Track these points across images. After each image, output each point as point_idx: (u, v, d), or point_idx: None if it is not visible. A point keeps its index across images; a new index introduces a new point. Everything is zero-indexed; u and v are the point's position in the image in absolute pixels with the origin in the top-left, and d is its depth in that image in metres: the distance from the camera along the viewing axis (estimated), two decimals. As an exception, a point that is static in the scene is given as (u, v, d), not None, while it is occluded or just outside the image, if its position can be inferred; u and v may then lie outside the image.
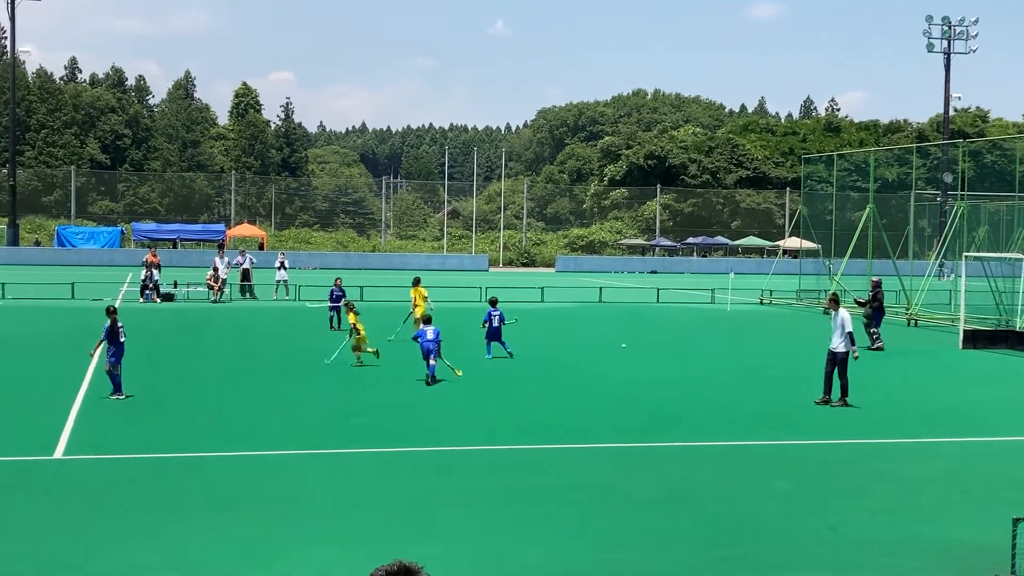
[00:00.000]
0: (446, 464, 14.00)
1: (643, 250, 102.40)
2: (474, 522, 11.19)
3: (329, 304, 31.96)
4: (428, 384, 20.35)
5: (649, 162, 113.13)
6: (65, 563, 9.62)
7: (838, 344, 19.09)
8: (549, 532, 10.86)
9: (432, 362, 20.61)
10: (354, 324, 22.88)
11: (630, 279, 71.27)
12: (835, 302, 20.12)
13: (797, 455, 15.17)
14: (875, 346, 28.59)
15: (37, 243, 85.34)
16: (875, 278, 31.05)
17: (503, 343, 25.20)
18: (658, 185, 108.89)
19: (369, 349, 23.01)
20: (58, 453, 14.18)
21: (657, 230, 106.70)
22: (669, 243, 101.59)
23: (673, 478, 13.47)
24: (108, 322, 18.36)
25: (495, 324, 25.18)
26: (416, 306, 27.84)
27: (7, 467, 13.47)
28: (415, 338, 21.57)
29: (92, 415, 16.98)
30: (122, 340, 18.41)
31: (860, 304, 30.19)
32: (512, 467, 13.89)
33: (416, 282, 29.12)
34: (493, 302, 26.07)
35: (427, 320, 22.03)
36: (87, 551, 9.93)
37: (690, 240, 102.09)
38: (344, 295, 30.91)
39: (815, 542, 10.72)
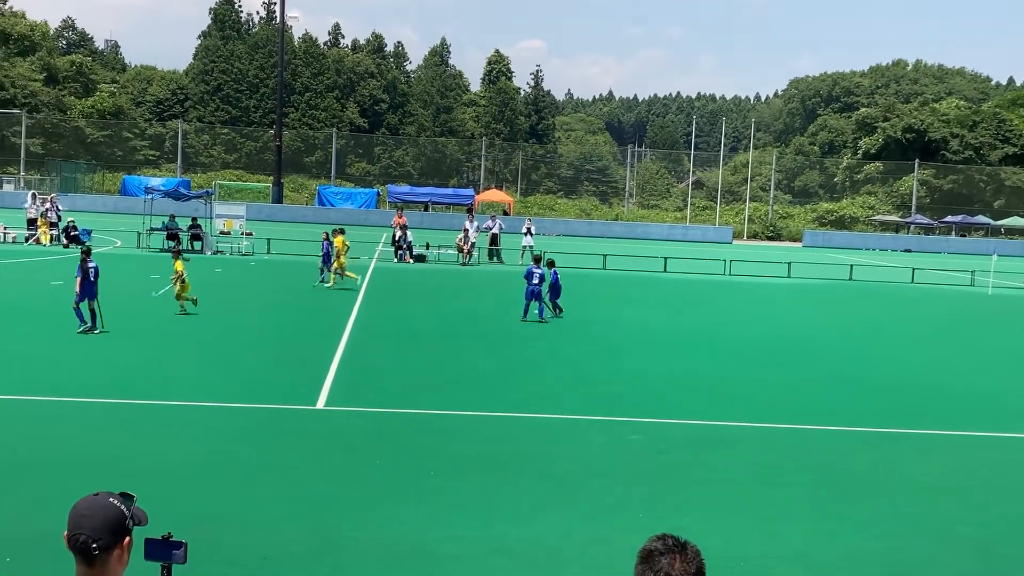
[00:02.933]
0: (693, 439, 13.87)
1: (897, 227, 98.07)
2: (726, 498, 11.04)
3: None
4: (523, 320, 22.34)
5: (907, 136, 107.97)
6: (329, 507, 10.10)
7: None
8: (805, 513, 10.59)
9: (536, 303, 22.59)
10: (180, 272, 24.08)
11: (882, 257, 68.46)
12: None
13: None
14: None
15: (306, 202, 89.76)
16: None
17: (545, 304, 24.70)
18: (916, 160, 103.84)
19: (189, 297, 24.03)
20: (320, 404, 14.93)
21: (913, 207, 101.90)
22: (925, 221, 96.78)
23: (941, 468, 12.86)
24: (80, 261, 20.31)
25: (534, 283, 24.43)
26: (340, 254, 30.94)
27: (274, 414, 14.28)
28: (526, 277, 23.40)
29: (351, 369, 17.78)
30: (92, 280, 19.95)
31: None
32: (764, 446, 13.61)
33: (339, 232, 31.72)
34: (539, 260, 25.45)
35: (537, 261, 23.10)
36: (352, 499, 10.40)
37: (948, 219, 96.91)
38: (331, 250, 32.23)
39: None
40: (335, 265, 31.18)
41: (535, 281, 24.50)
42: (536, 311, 24.97)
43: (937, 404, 17.31)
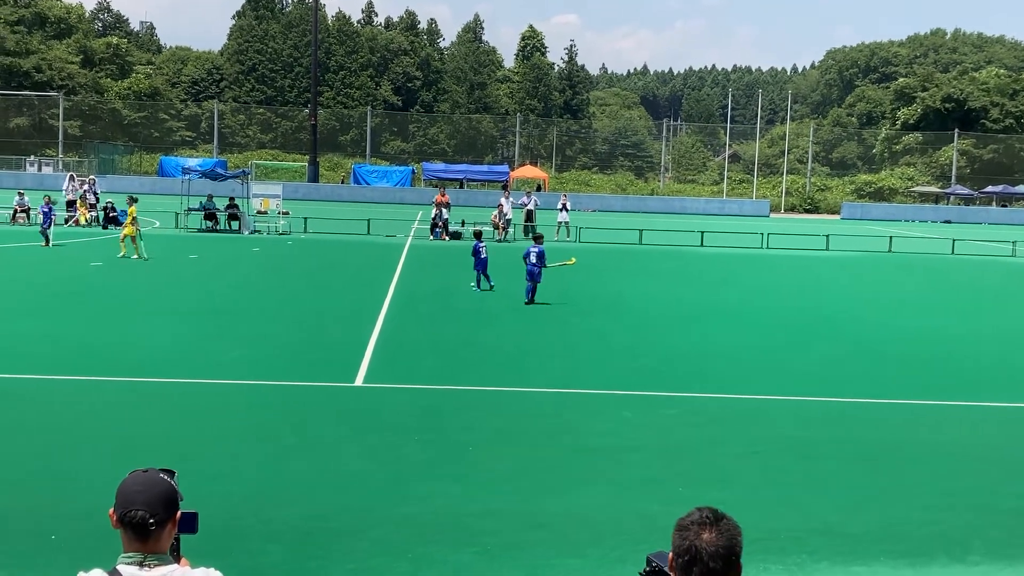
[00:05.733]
0: (729, 412, 13.85)
1: (937, 198, 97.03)
2: (761, 471, 11.03)
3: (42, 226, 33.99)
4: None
5: (946, 105, 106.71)
6: (368, 479, 10.20)
7: None
8: (841, 485, 10.55)
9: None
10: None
11: (922, 228, 67.79)
12: None
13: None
14: None
15: (343, 181, 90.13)
16: None
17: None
18: (955, 130, 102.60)
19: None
20: (358, 381, 15.03)
21: (953, 177, 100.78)
22: (966, 191, 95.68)
23: (981, 439, 12.77)
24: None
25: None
26: (128, 225, 31.07)
27: (313, 391, 14.40)
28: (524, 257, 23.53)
29: (388, 346, 17.88)
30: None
31: None
32: (800, 419, 13.57)
33: (132, 200, 32.45)
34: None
35: (537, 239, 23.01)
36: (391, 475, 10.49)
37: (989, 189, 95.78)
38: (53, 214, 34.08)
39: None
40: (123, 234, 31.01)
41: (532, 260, 23.74)
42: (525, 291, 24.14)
43: (978, 376, 17.16)
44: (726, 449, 11.96)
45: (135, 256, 30.07)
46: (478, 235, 27.37)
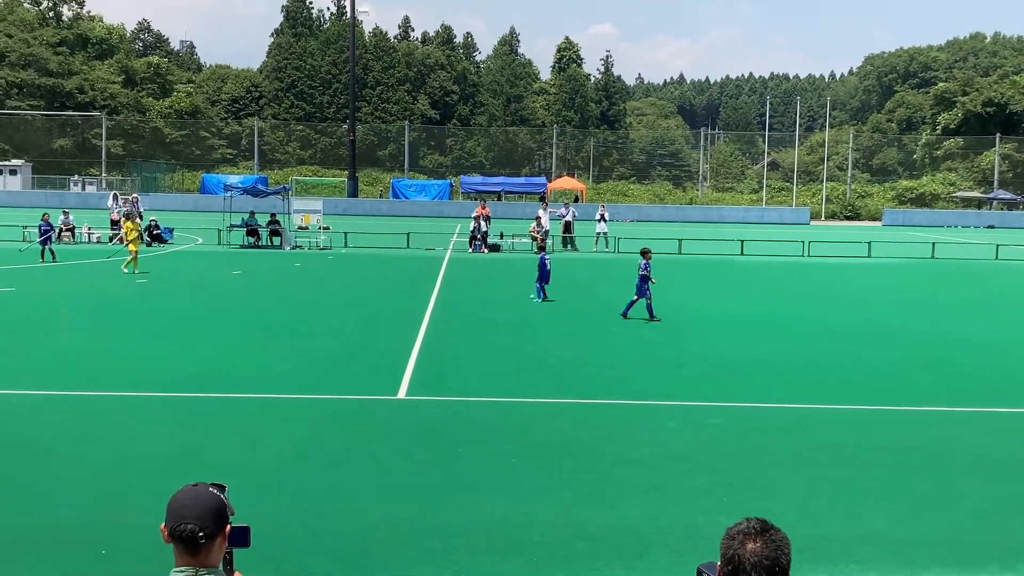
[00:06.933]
0: (773, 422, 13.78)
1: (979, 203, 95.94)
2: (807, 480, 10.97)
3: (39, 240, 35.48)
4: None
5: (987, 109, 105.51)
6: (417, 490, 10.25)
7: None
8: (888, 493, 10.47)
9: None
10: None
11: (965, 234, 67.09)
12: None
13: None
14: None
15: (381, 195, 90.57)
16: None
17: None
18: (997, 134, 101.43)
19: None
20: (401, 394, 15.10)
21: (995, 182, 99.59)
22: (1009, 196, 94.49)
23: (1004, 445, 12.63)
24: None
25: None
26: (131, 239, 31.90)
27: (357, 405, 14.49)
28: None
29: (430, 359, 17.95)
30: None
31: None
32: (845, 427, 13.47)
33: (128, 217, 34.24)
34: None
35: (644, 253, 23.16)
36: (435, 487, 10.54)
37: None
38: (51, 229, 35.84)
39: None
40: (128, 246, 31.91)
41: (641, 272, 23.36)
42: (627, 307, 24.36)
43: (1025, 382, 16.96)
44: (772, 458, 11.91)
45: (135, 271, 30.91)
46: (543, 248, 27.81)
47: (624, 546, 8.92)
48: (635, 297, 23.23)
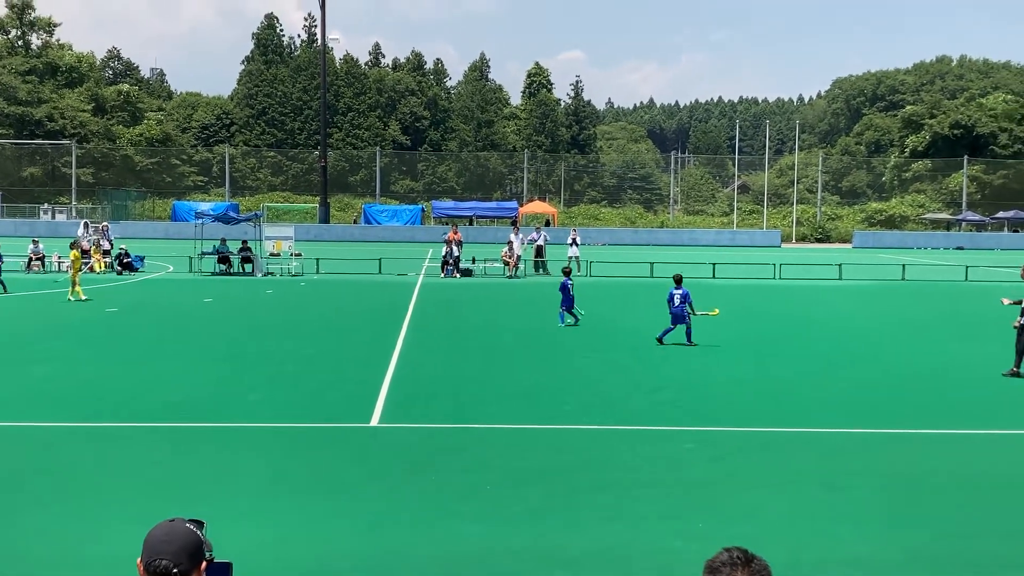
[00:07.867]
0: (748, 445, 13.77)
1: (948, 225, 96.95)
2: (784, 504, 10.94)
3: None
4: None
5: (955, 132, 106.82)
6: (386, 521, 10.15)
7: None
8: (866, 516, 10.45)
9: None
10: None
11: (934, 256, 67.67)
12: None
13: None
14: None
15: (355, 221, 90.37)
16: None
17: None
18: (964, 156, 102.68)
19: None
20: (374, 420, 14.99)
21: (964, 204, 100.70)
22: (977, 217, 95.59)
23: (1009, 468, 12.67)
24: None
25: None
26: (75, 268, 31.56)
27: (329, 432, 14.36)
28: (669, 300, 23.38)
29: (403, 385, 17.85)
30: None
31: None
32: (821, 450, 13.48)
33: (73, 245, 33.46)
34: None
35: (678, 281, 23.22)
36: (410, 515, 10.44)
37: (1000, 214, 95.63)
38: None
39: None
40: (73, 276, 31.16)
41: (676, 303, 23.58)
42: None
43: (1003, 401, 17.05)
44: (746, 482, 11.88)
45: (81, 298, 30.62)
46: (567, 272, 27.53)
47: (603, 572, 8.86)
48: (671, 326, 23.23)
